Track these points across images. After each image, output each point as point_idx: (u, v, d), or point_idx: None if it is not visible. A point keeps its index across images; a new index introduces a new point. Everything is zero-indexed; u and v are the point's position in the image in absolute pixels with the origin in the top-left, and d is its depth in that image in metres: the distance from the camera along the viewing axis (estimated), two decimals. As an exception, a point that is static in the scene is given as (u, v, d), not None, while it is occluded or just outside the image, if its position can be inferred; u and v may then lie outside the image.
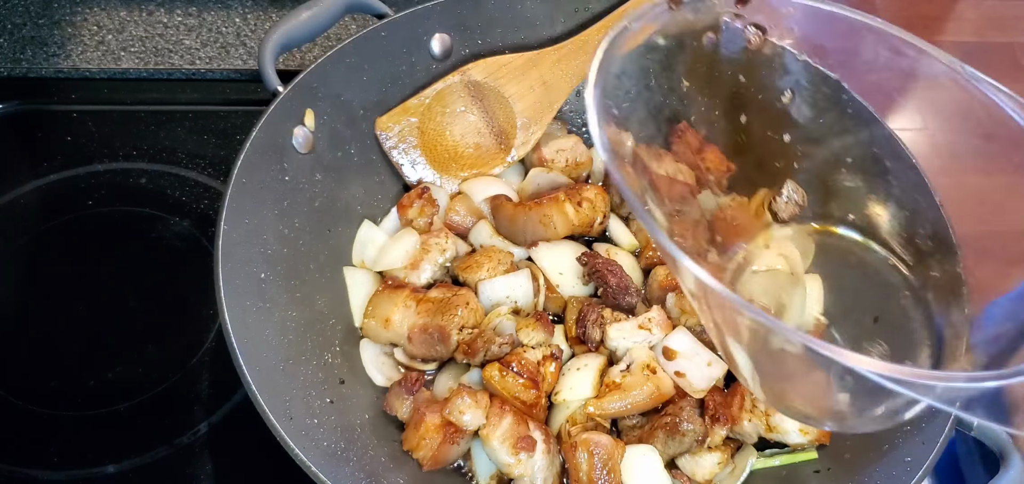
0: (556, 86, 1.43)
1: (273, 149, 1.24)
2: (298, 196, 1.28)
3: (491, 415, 1.13)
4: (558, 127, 1.52)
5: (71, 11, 1.77)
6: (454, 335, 1.22)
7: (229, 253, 1.10)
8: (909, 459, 1.05)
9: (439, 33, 1.43)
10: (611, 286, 1.26)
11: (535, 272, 1.30)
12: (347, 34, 1.72)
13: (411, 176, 1.43)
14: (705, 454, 1.17)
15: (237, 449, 1.25)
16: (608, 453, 1.12)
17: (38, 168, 1.53)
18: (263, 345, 1.09)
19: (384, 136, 1.40)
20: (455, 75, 1.40)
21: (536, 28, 1.47)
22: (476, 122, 1.44)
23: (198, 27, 1.77)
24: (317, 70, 1.30)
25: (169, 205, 1.50)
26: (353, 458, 1.08)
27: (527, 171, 1.46)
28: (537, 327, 1.20)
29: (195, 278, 1.40)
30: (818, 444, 1.18)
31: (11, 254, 1.43)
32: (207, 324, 1.36)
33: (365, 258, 1.35)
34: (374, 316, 1.26)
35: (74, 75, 1.67)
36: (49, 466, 1.21)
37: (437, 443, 1.13)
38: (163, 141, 1.59)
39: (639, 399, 1.18)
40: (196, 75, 1.71)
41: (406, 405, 1.19)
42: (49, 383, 1.29)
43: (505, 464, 1.12)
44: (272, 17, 1.80)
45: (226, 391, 1.29)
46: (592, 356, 1.23)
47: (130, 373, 1.31)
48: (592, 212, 1.37)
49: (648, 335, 1.23)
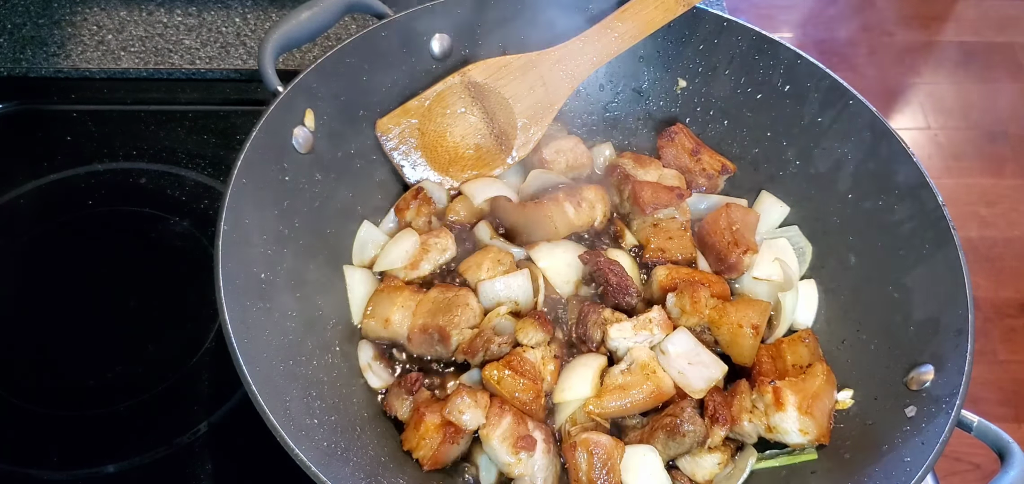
0: (556, 87, 1.43)
1: (273, 149, 1.24)
2: (298, 196, 1.28)
3: (491, 415, 1.13)
4: (558, 128, 1.52)
5: (71, 11, 1.77)
6: (454, 335, 1.22)
7: (229, 253, 1.10)
8: (909, 459, 1.05)
9: (439, 33, 1.43)
10: (612, 285, 1.26)
11: (535, 272, 1.30)
12: (347, 34, 1.72)
13: (412, 177, 1.43)
14: (705, 455, 1.17)
15: (237, 449, 1.25)
16: (607, 453, 1.12)
17: (38, 168, 1.53)
18: (263, 345, 1.09)
19: (385, 138, 1.40)
20: (455, 76, 1.40)
21: (536, 28, 1.47)
22: (476, 123, 1.44)
23: (198, 27, 1.77)
24: (317, 70, 1.30)
25: (169, 205, 1.50)
26: (353, 458, 1.08)
27: (527, 172, 1.46)
28: (537, 327, 1.20)
29: (195, 278, 1.40)
30: (818, 444, 1.18)
31: (11, 254, 1.43)
32: (207, 324, 1.36)
33: (365, 258, 1.35)
34: (374, 316, 1.26)
35: (74, 75, 1.67)
36: (49, 466, 1.21)
37: (437, 443, 1.13)
38: (163, 141, 1.59)
39: (639, 399, 1.18)
40: (196, 75, 1.71)
41: (406, 405, 1.19)
42: (49, 383, 1.29)
43: (505, 464, 1.12)
44: (272, 17, 1.80)
45: (226, 391, 1.29)
46: (592, 356, 1.23)
47: (130, 373, 1.31)
48: (592, 212, 1.37)
49: (649, 335, 1.23)
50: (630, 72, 1.54)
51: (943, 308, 1.17)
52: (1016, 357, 3.24)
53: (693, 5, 1.42)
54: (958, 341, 1.12)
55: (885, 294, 1.27)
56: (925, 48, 4.29)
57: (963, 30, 4.39)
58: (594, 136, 1.57)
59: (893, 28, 4.34)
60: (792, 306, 1.33)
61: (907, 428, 1.10)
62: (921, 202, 1.26)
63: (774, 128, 1.46)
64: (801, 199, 1.44)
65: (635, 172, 1.43)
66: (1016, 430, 3.04)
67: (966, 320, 1.13)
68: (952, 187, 3.73)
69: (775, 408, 1.15)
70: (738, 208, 1.40)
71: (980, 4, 4.52)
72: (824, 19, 4.44)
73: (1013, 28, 4.40)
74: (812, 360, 1.25)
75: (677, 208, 1.39)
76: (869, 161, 1.35)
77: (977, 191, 3.73)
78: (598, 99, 1.56)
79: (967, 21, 4.44)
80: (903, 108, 4.06)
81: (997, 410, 3.09)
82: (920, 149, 3.83)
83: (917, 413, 1.11)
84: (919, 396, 1.13)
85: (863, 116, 1.35)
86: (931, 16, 4.44)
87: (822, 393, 1.18)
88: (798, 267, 1.39)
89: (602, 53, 1.42)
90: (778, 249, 1.39)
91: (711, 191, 1.48)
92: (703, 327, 1.26)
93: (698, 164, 1.47)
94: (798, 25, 4.42)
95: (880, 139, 1.33)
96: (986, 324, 3.29)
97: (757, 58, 1.44)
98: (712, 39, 1.47)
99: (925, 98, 4.08)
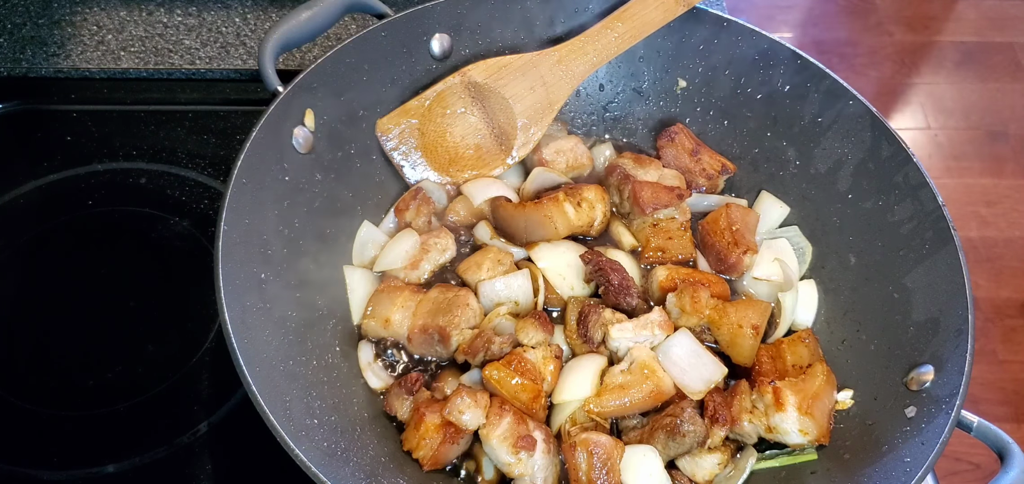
0: (556, 87, 1.43)
1: (273, 149, 1.24)
2: (298, 196, 1.28)
3: (491, 414, 1.13)
4: (558, 128, 1.52)
5: (71, 11, 1.77)
6: (454, 335, 1.22)
7: (229, 253, 1.10)
8: (909, 459, 1.05)
9: (439, 33, 1.43)
10: (614, 285, 1.26)
11: (535, 272, 1.30)
12: (347, 34, 1.72)
13: (412, 177, 1.43)
14: (705, 455, 1.17)
15: (237, 449, 1.25)
16: (607, 453, 1.12)
17: (38, 168, 1.53)
18: (263, 345, 1.09)
19: (385, 138, 1.40)
20: (455, 76, 1.40)
21: (536, 28, 1.47)
22: (476, 123, 1.44)
23: (198, 27, 1.77)
24: (317, 70, 1.30)
25: (169, 205, 1.50)
26: (353, 458, 1.08)
27: (527, 172, 1.46)
28: (537, 327, 1.20)
29: (195, 278, 1.40)
30: (818, 445, 1.18)
31: (11, 254, 1.43)
32: (207, 324, 1.36)
33: (365, 258, 1.35)
34: (374, 316, 1.26)
35: (74, 75, 1.67)
36: (49, 466, 1.21)
37: (437, 443, 1.13)
38: (163, 141, 1.59)
39: (639, 399, 1.18)
40: (196, 75, 1.70)
41: (406, 405, 1.19)
42: (49, 383, 1.29)
43: (505, 463, 1.12)
44: (272, 17, 1.80)
45: (226, 391, 1.29)
46: (592, 356, 1.23)
47: (130, 373, 1.31)
48: (592, 212, 1.37)
49: (649, 335, 1.23)
50: (630, 72, 1.54)
51: (943, 308, 1.17)
52: (1016, 357, 3.24)
53: (693, 5, 1.42)
54: (958, 341, 1.12)
55: (885, 294, 1.27)
56: (925, 48, 4.29)
57: (963, 30, 4.39)
58: (594, 136, 1.57)
59: (893, 28, 4.34)
60: (792, 306, 1.33)
61: (907, 428, 1.10)
62: (921, 202, 1.26)
63: (774, 128, 1.46)
64: (801, 199, 1.44)
65: (635, 172, 1.43)
66: (1016, 430, 3.04)
67: (966, 320, 1.13)
68: (952, 187, 3.73)
69: (775, 408, 1.15)
70: (738, 208, 1.40)
71: (980, 4, 4.52)
72: (824, 19, 4.44)
73: (1013, 28, 4.40)
74: (812, 360, 1.25)
75: (677, 208, 1.39)
76: (869, 161, 1.35)
77: (977, 191, 3.73)
78: (598, 99, 1.56)
79: (967, 21, 4.43)
80: (903, 108, 4.06)
81: (997, 410, 3.09)
82: (920, 149, 3.83)
83: (917, 413, 1.11)
84: (919, 396, 1.13)
85: (863, 116, 1.35)
86: (931, 16, 4.44)
87: (822, 393, 1.18)
88: (798, 267, 1.39)
89: (602, 53, 1.42)
90: (778, 249, 1.39)
91: (711, 191, 1.48)
92: (703, 327, 1.26)
93: (698, 164, 1.47)
94: (798, 25, 4.42)
95: (880, 139, 1.33)
96: (986, 324, 3.29)
97: (757, 58, 1.44)
98: (712, 39, 1.47)
99: (925, 98, 4.08)
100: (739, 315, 1.24)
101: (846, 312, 1.33)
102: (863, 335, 1.28)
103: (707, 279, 1.32)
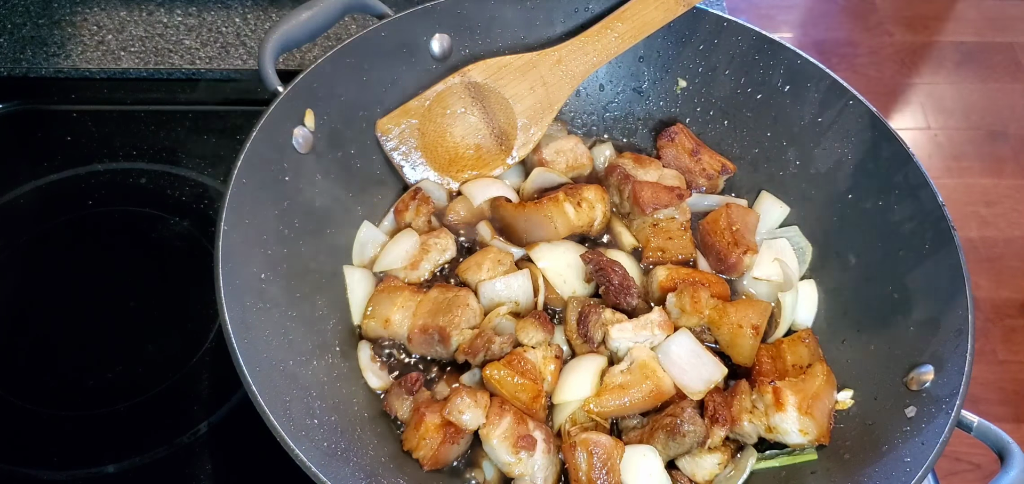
0: (556, 87, 1.43)
1: (273, 149, 1.24)
2: (298, 196, 1.28)
3: (491, 414, 1.13)
4: (558, 128, 1.52)
5: (71, 11, 1.77)
6: (454, 335, 1.22)
7: (229, 253, 1.10)
8: (909, 459, 1.05)
9: (439, 33, 1.43)
10: (614, 285, 1.26)
11: (535, 272, 1.30)
12: (347, 34, 1.72)
13: (412, 177, 1.43)
14: (705, 455, 1.17)
15: (237, 449, 1.25)
16: (607, 453, 1.12)
17: (38, 168, 1.53)
18: (263, 345, 1.09)
19: (384, 138, 1.40)
20: (455, 76, 1.40)
21: (536, 28, 1.47)
22: (476, 123, 1.44)
23: (198, 27, 1.77)
24: (317, 70, 1.30)
25: (169, 205, 1.50)
26: (353, 458, 1.08)
27: (527, 172, 1.46)
28: (537, 327, 1.20)
29: (195, 278, 1.40)
30: (818, 444, 1.18)
31: (11, 254, 1.43)
32: (207, 324, 1.36)
33: (365, 258, 1.35)
34: (374, 316, 1.26)
35: (74, 75, 1.67)
36: (49, 466, 1.21)
37: (437, 443, 1.13)
38: (163, 141, 1.59)
39: (639, 399, 1.18)
40: (196, 75, 1.70)
41: (406, 405, 1.19)
42: (49, 383, 1.29)
43: (505, 463, 1.12)
44: (272, 17, 1.80)
45: (226, 391, 1.29)
46: (592, 356, 1.23)
47: (130, 373, 1.31)
48: (592, 212, 1.37)
49: (649, 335, 1.23)
50: (630, 72, 1.54)
51: (943, 308, 1.17)
52: (1016, 357, 3.24)
53: (693, 5, 1.42)
54: (958, 341, 1.12)
55: (885, 294, 1.27)
56: (925, 48, 4.29)
57: (963, 30, 4.39)
58: (594, 136, 1.57)
59: (893, 28, 4.34)
60: (792, 306, 1.33)
61: (907, 428, 1.10)
62: (921, 202, 1.26)
63: (774, 128, 1.46)
64: (801, 199, 1.44)
65: (635, 172, 1.43)
66: (1016, 430, 3.04)
67: (966, 320, 1.13)
68: (952, 187, 3.73)
69: (775, 408, 1.15)
70: (738, 208, 1.40)
71: (980, 4, 4.52)
72: (824, 19, 4.44)
73: (1013, 28, 4.40)
74: (812, 360, 1.25)
75: (677, 208, 1.39)
76: (869, 161, 1.35)
77: (977, 191, 3.73)
78: (598, 99, 1.56)
79: (967, 21, 4.43)
80: (903, 108, 4.06)
81: (997, 410, 3.09)
82: (920, 149, 3.83)
83: (917, 413, 1.11)
84: (919, 396, 1.13)
85: (863, 116, 1.35)
86: (931, 16, 4.43)
87: (822, 393, 1.18)
88: (798, 267, 1.39)
89: (602, 53, 1.42)
90: (778, 249, 1.39)
91: (711, 191, 1.48)
92: (703, 327, 1.26)
93: (698, 164, 1.47)
94: (798, 25, 4.42)
95: (880, 139, 1.33)
96: (986, 324, 3.29)
97: (757, 58, 1.44)
98: (712, 39, 1.47)
99: (925, 98, 4.08)
100: (739, 315, 1.24)
101: (846, 312, 1.33)
102: (863, 335, 1.28)
103: (707, 279, 1.32)
